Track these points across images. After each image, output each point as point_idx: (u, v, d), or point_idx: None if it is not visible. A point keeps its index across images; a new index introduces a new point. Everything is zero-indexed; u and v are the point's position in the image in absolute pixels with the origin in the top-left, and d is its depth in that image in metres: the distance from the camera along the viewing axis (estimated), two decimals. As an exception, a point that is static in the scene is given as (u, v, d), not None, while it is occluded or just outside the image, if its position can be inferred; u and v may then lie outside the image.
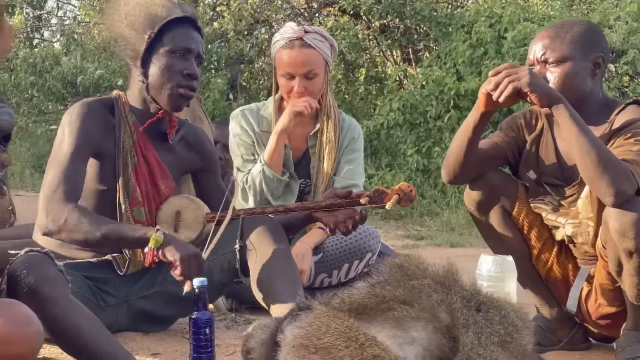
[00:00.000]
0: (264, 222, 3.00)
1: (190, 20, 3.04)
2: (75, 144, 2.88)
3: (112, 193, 2.99)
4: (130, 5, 3.01)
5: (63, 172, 2.85)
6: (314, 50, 3.72)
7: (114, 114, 3.02)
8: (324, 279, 3.77)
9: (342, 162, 3.88)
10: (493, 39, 9.03)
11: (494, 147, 3.08)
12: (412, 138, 9.05)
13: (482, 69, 8.74)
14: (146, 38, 2.96)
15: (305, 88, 3.70)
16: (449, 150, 3.04)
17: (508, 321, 2.14)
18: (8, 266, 2.47)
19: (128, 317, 3.07)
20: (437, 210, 8.03)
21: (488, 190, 3.04)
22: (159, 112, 3.03)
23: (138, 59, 2.99)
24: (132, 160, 3.00)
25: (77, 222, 2.78)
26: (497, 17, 9.31)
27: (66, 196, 2.81)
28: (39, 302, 2.32)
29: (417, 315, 2.07)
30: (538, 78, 2.76)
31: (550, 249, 3.06)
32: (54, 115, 13.33)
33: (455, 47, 9.33)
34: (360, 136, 3.96)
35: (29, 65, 13.33)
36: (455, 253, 5.58)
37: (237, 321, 3.45)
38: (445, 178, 3.08)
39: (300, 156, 3.90)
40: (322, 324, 2.00)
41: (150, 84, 2.99)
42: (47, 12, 18.05)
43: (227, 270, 3.03)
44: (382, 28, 11.49)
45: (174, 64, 2.97)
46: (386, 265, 2.26)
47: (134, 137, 3.02)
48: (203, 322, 2.58)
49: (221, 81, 10.95)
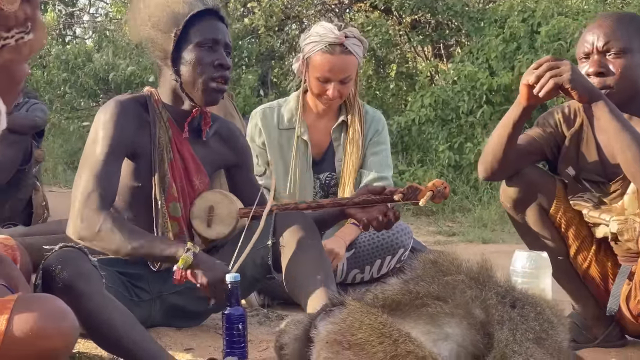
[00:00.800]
0: (297, 218, 2.99)
1: (213, 11, 3.03)
2: (109, 145, 2.88)
3: (148, 189, 2.99)
4: (151, 7, 3.00)
5: (97, 176, 2.84)
6: (352, 57, 3.74)
7: (148, 110, 3.03)
8: (356, 274, 3.77)
9: (368, 154, 3.88)
10: (526, 34, 8.97)
11: (531, 142, 3.03)
12: (444, 134, 9.01)
13: (515, 64, 8.69)
14: (172, 36, 2.95)
15: (339, 92, 3.74)
16: (487, 147, 3.00)
17: (543, 318, 2.12)
18: (43, 261, 2.49)
19: (161, 313, 3.08)
20: (469, 207, 7.99)
21: (525, 187, 3.00)
22: (194, 110, 3.03)
23: (168, 58, 2.99)
24: (168, 156, 3.00)
25: (110, 233, 2.78)
26: (531, 11, 9.25)
27: (100, 203, 2.81)
28: (73, 297, 2.33)
29: (451, 312, 2.05)
30: (579, 74, 2.72)
31: (588, 247, 3.02)
32: (86, 111, 13.43)
33: (488, 42, 9.28)
34: (384, 128, 3.96)
35: (61, 62, 13.44)
36: (487, 249, 5.54)
37: (270, 317, 3.45)
38: (482, 175, 3.05)
39: (324, 150, 3.90)
40: (356, 319, 1.99)
41: (184, 81, 2.99)
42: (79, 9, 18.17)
43: (260, 266, 3.03)
44: (414, 24, 11.45)
45: (204, 56, 2.96)
46: (420, 261, 2.25)
47: (170, 133, 3.02)
48: (236, 318, 2.58)
49: (252, 77, 10.97)
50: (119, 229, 2.79)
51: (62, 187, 10.16)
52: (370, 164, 3.84)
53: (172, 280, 2.80)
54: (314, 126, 3.87)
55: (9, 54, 1.96)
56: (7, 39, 1.94)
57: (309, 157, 3.85)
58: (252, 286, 3.19)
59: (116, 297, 2.59)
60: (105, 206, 2.82)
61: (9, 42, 1.95)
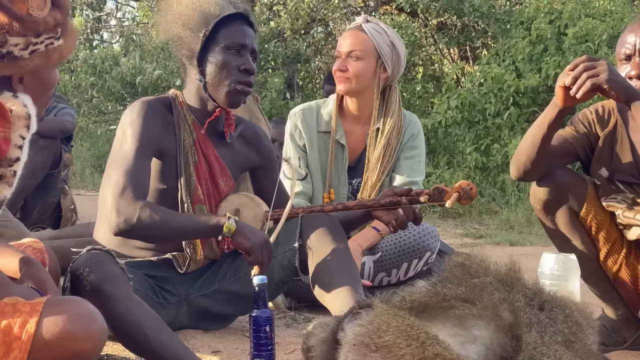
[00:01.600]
0: (323, 220, 2.99)
1: (242, 16, 3.05)
2: (139, 142, 2.88)
3: (174, 192, 3.00)
4: (183, 5, 3.03)
5: (129, 171, 2.84)
6: (365, 35, 3.78)
7: (172, 112, 3.04)
8: (383, 277, 3.76)
9: (401, 158, 3.86)
10: (553, 35, 8.92)
11: (564, 143, 2.99)
12: (471, 136, 8.99)
13: (542, 66, 8.65)
14: (201, 36, 2.97)
15: (346, 67, 3.77)
16: (520, 147, 2.96)
17: (572, 320, 2.10)
18: (71, 264, 2.50)
19: (189, 315, 3.08)
20: (496, 209, 7.96)
21: (555, 189, 2.97)
22: (217, 110, 3.04)
23: (194, 57, 3.00)
24: (192, 158, 3.01)
25: (149, 219, 2.77)
26: (557, 13, 9.19)
27: (135, 195, 2.80)
28: (101, 300, 2.35)
29: (479, 314, 2.05)
30: (616, 74, 2.68)
31: (619, 250, 2.99)
32: (113, 115, 13.53)
33: (515, 43, 9.24)
34: (420, 132, 3.94)
35: (88, 67, 13.56)
36: (515, 252, 5.51)
37: (297, 319, 3.45)
38: (515, 174, 3.01)
39: (358, 155, 3.90)
40: (383, 322, 1.99)
41: (208, 82, 3.00)
42: (106, 14, 18.31)
43: (287, 268, 3.03)
44: (440, 26, 11.44)
45: (230, 60, 2.97)
46: (447, 264, 2.25)
47: (194, 136, 3.03)
48: (263, 320, 2.58)
49: (278, 80, 10.99)
50: (157, 213, 2.79)
51: (90, 191, 10.24)
52: (402, 168, 3.83)
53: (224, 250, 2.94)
54: (351, 130, 3.87)
55: (38, 60, 1.97)
56: (36, 45, 1.96)
57: (345, 162, 3.85)
58: (279, 288, 3.19)
59: (143, 299, 2.60)
60: (140, 197, 2.82)
61: (38, 47, 1.97)
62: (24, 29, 1.93)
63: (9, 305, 1.85)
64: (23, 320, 1.82)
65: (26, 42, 1.95)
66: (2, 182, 1.95)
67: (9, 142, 1.91)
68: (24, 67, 1.97)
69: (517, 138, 8.16)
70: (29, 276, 2.18)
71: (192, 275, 3.07)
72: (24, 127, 1.96)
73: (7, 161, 1.93)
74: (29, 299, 1.92)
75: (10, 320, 1.82)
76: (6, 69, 1.94)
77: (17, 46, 1.94)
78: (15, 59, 1.94)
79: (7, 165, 1.94)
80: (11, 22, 1.90)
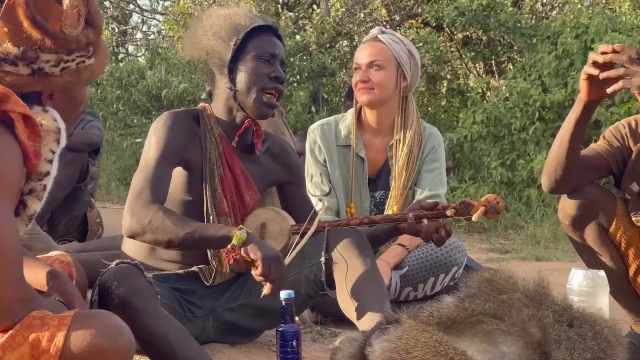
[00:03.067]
0: (350, 234, 2.98)
1: (271, 28, 3.09)
2: (161, 150, 2.90)
3: (199, 204, 3.00)
4: (213, 17, 3.08)
5: (148, 178, 2.85)
6: (383, 45, 3.79)
7: (199, 124, 3.06)
8: (410, 292, 3.74)
9: (422, 171, 3.85)
10: (579, 50, 8.88)
11: (596, 156, 2.95)
12: (496, 150, 8.97)
13: (568, 81, 8.62)
14: (232, 45, 3.00)
15: (368, 78, 3.77)
16: (550, 154, 2.91)
17: (601, 337, 2.08)
18: (99, 278, 2.51)
19: (215, 329, 3.08)
20: (522, 224, 7.93)
21: (584, 204, 2.93)
22: (246, 121, 3.05)
23: (225, 67, 3.02)
24: (218, 171, 3.02)
25: (161, 222, 2.76)
26: (584, 27, 9.16)
27: (151, 198, 2.81)
28: (129, 313, 2.36)
29: (508, 330, 2.03)
30: None
31: (649, 267, 2.96)
32: (139, 128, 13.59)
33: (541, 58, 9.22)
34: (440, 145, 3.93)
35: (114, 80, 13.64)
36: (541, 267, 5.48)
37: (323, 334, 3.44)
38: (546, 184, 2.97)
39: (379, 167, 3.89)
40: (411, 337, 1.98)
41: (238, 89, 3.01)
42: (132, 27, 18.44)
43: (313, 282, 3.02)
44: (465, 40, 11.44)
45: (261, 68, 3.00)
46: (475, 279, 2.23)
47: (220, 149, 3.04)
48: (290, 335, 2.58)
49: (303, 94, 11.02)
50: (169, 217, 2.77)
51: (115, 204, 10.29)
52: (424, 181, 3.82)
53: (230, 261, 2.86)
54: (370, 143, 3.87)
55: (69, 77, 1.99)
56: (67, 62, 1.98)
57: (365, 174, 3.85)
58: (305, 303, 3.18)
59: (170, 313, 2.61)
60: (155, 202, 2.82)
61: (69, 65, 1.99)
62: (56, 46, 1.95)
63: (37, 318, 1.86)
64: (51, 333, 1.83)
65: (57, 59, 1.97)
66: (32, 196, 1.96)
67: (40, 156, 1.93)
68: (54, 84, 1.98)
69: (542, 153, 8.13)
70: (56, 289, 2.19)
71: (218, 289, 3.07)
72: (54, 141, 1.98)
73: (37, 175, 1.95)
74: (57, 312, 1.92)
75: (38, 333, 1.83)
76: (36, 84, 1.96)
77: (49, 63, 1.96)
78: (45, 76, 1.96)
79: (37, 180, 1.95)
80: (44, 39, 1.92)
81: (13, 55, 1.92)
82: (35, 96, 1.99)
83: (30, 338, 1.82)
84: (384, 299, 2.84)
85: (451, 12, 10.38)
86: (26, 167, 1.90)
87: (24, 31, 1.91)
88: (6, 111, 1.85)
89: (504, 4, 10.71)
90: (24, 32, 1.91)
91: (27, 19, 1.89)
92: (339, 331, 3.44)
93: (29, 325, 1.84)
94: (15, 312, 1.84)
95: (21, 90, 1.92)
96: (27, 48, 1.92)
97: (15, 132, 1.86)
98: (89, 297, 2.54)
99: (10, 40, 1.92)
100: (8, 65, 1.92)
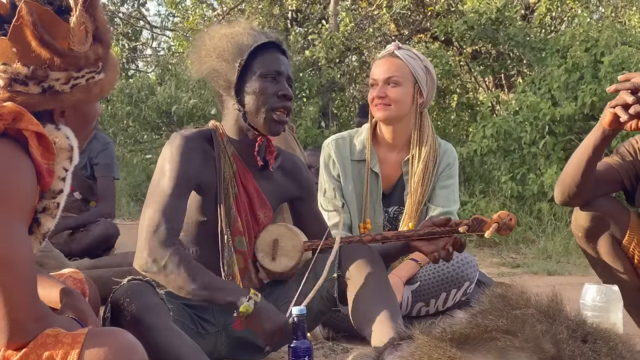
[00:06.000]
0: (362, 250, 2.98)
1: (276, 45, 3.07)
2: (176, 179, 2.88)
3: (214, 224, 3.00)
4: (216, 39, 3.05)
5: (163, 210, 2.84)
6: (400, 61, 3.80)
7: (213, 145, 3.05)
8: (421, 307, 3.73)
9: (437, 188, 3.85)
10: (589, 64, 8.86)
11: (609, 170, 2.96)
12: (506, 164, 8.94)
13: (578, 94, 8.59)
14: (237, 66, 2.98)
15: (385, 94, 3.77)
16: (565, 170, 2.93)
17: (616, 353, 2.07)
18: (111, 295, 2.51)
19: (227, 345, 3.08)
20: (533, 238, 7.89)
21: (597, 217, 2.94)
22: (259, 139, 3.05)
23: (231, 88, 3.01)
24: (232, 190, 3.02)
25: (175, 269, 2.75)
26: (593, 41, 9.15)
27: (167, 237, 2.80)
28: (141, 330, 2.36)
29: (521, 346, 2.02)
30: None
31: (662, 280, 2.96)
32: (149, 144, 13.62)
33: (550, 72, 9.20)
34: (455, 161, 3.93)
35: (125, 96, 13.69)
36: (553, 281, 5.46)
37: (335, 350, 3.43)
38: (559, 198, 2.98)
39: (394, 183, 3.89)
40: (424, 353, 1.97)
41: (247, 110, 3.01)
42: (142, 44, 18.51)
43: (326, 299, 3.02)
44: (474, 54, 11.44)
45: (268, 87, 2.99)
46: (487, 295, 2.22)
47: (234, 168, 3.04)
48: (302, 351, 2.58)
49: (313, 109, 11.04)
50: (185, 268, 2.76)
51: (126, 220, 10.29)
52: (437, 198, 3.82)
53: (232, 325, 2.85)
54: (385, 158, 3.88)
55: (80, 94, 2.00)
56: (77, 79, 1.99)
57: (379, 190, 3.85)
58: (317, 319, 3.17)
59: (183, 329, 2.61)
60: (171, 241, 2.81)
61: (79, 81, 2.00)
62: (65, 63, 1.96)
63: (51, 336, 1.86)
64: (65, 352, 1.83)
65: (67, 76, 1.97)
66: (46, 214, 1.97)
67: (53, 174, 1.93)
68: (65, 101, 1.99)
69: (553, 167, 8.11)
70: (69, 307, 2.20)
71: (230, 306, 3.07)
72: (67, 159, 1.99)
73: (50, 193, 1.96)
74: (70, 329, 1.93)
75: (52, 351, 1.83)
76: (48, 103, 1.97)
77: (59, 81, 1.96)
78: (56, 94, 1.97)
79: (51, 197, 1.96)
80: (52, 57, 1.93)
81: (23, 75, 1.93)
82: (47, 114, 2.00)
83: (44, 356, 1.83)
84: (396, 314, 2.83)
85: (460, 27, 10.40)
86: (40, 185, 1.91)
87: (33, 51, 1.92)
88: (20, 129, 1.85)
89: (513, 18, 10.72)
90: (32, 52, 1.92)
91: (35, 39, 1.90)
92: (351, 347, 3.43)
93: (43, 343, 1.84)
94: (29, 330, 1.84)
95: (33, 109, 1.93)
96: (36, 67, 1.93)
97: (29, 150, 1.87)
98: (102, 314, 2.54)
99: (20, 60, 1.93)
100: (19, 85, 1.93)
